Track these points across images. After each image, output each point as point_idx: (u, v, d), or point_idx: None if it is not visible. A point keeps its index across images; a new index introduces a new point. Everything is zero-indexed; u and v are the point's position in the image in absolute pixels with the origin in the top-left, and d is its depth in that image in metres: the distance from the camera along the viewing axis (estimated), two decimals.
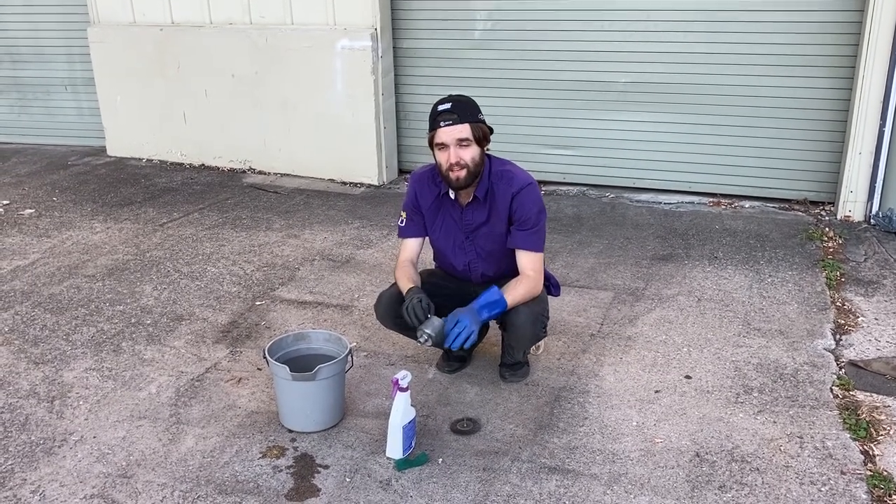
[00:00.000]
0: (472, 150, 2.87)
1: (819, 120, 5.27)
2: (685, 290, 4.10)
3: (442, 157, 2.89)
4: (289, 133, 6.34)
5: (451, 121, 2.84)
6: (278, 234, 5.05)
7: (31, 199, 5.90)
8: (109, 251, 4.80)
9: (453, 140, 2.84)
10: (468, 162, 2.87)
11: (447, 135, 2.85)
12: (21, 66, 7.51)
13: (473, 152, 2.88)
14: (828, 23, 5.07)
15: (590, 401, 3.09)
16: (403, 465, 2.69)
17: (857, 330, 3.63)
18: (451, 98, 2.92)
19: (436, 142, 2.89)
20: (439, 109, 2.87)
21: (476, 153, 2.89)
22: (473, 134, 2.86)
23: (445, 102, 2.89)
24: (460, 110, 2.86)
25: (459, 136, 2.84)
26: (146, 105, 6.79)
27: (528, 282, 2.97)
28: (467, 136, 2.85)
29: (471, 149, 2.87)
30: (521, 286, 2.96)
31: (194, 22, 6.45)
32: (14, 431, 2.93)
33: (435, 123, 2.87)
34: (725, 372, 3.28)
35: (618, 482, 2.60)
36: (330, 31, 5.96)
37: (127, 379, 3.31)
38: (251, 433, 2.90)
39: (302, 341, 3.07)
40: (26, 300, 4.10)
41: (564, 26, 5.64)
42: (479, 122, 2.90)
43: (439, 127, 2.86)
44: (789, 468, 2.65)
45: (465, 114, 2.86)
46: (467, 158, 2.87)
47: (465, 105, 2.89)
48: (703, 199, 5.59)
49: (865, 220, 5.06)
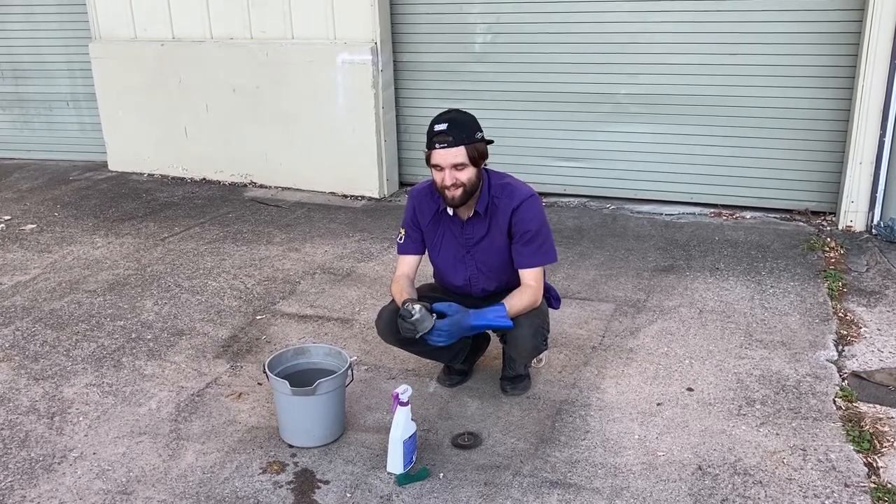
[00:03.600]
0: (467, 172, 2.86)
1: (819, 130, 5.27)
2: (687, 301, 4.09)
3: (437, 177, 2.89)
4: (290, 147, 6.35)
5: (447, 143, 2.81)
6: (279, 248, 5.05)
7: (32, 215, 5.91)
8: (110, 266, 4.80)
9: (448, 164, 2.83)
10: (464, 182, 2.86)
11: (442, 158, 2.83)
12: (23, 81, 7.55)
13: (469, 173, 2.86)
14: (827, 33, 5.08)
15: (591, 414, 3.07)
16: (404, 479, 2.68)
17: (859, 341, 3.62)
18: (448, 117, 2.88)
19: (431, 163, 2.88)
20: (436, 130, 2.84)
21: (472, 174, 2.87)
22: (469, 155, 2.83)
23: (442, 122, 2.84)
24: (456, 132, 2.82)
25: (454, 160, 2.82)
26: (147, 120, 6.81)
27: (529, 292, 2.96)
28: (462, 161, 2.83)
29: (466, 171, 2.85)
30: (524, 297, 2.94)
31: (195, 37, 6.48)
32: (14, 448, 2.92)
33: (431, 143, 2.85)
34: (727, 384, 3.27)
35: (620, 496, 2.58)
36: (330, 45, 5.99)
37: (127, 394, 3.30)
38: (251, 448, 2.89)
39: (302, 356, 3.06)
40: (27, 315, 4.10)
41: (564, 39, 5.65)
42: (476, 141, 2.86)
43: (435, 148, 2.84)
44: (792, 481, 2.63)
45: (461, 136, 2.82)
46: (463, 179, 2.85)
47: (462, 125, 2.85)
48: (705, 210, 5.59)
49: (867, 230, 5.05)
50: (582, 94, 5.73)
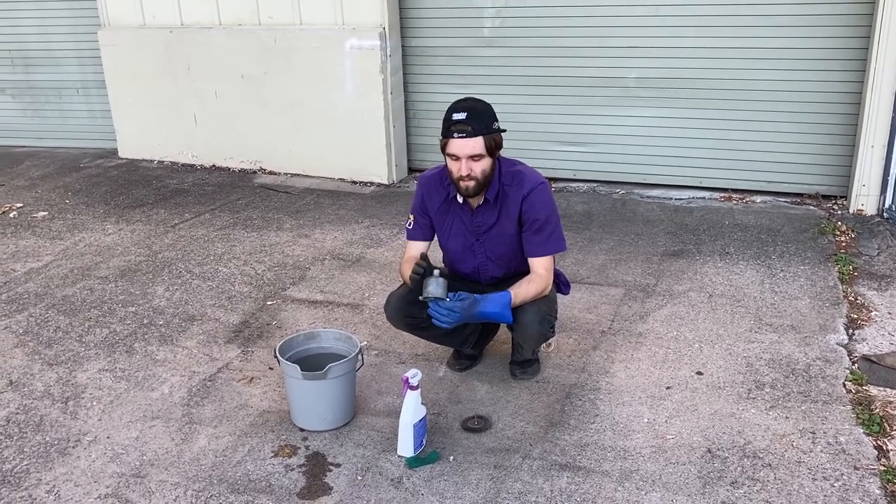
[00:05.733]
0: (483, 163, 2.85)
1: (831, 113, 5.23)
2: (696, 285, 4.09)
3: (453, 166, 2.88)
4: (298, 133, 6.36)
5: (465, 133, 2.79)
6: (289, 234, 5.07)
7: (44, 202, 5.94)
8: (122, 253, 4.83)
9: (465, 154, 2.81)
10: (478, 174, 2.85)
11: (459, 148, 2.81)
12: (33, 69, 7.57)
13: (485, 164, 2.85)
14: (839, 15, 5.03)
15: (601, 398, 3.08)
16: (414, 462, 2.70)
17: (870, 324, 3.61)
18: (466, 106, 2.85)
19: (448, 152, 2.86)
20: (454, 118, 2.81)
21: (487, 165, 2.86)
22: (486, 146, 2.82)
23: (460, 111, 2.82)
24: (475, 121, 2.80)
25: (472, 151, 2.81)
26: (157, 107, 6.82)
27: (539, 281, 2.96)
28: (480, 152, 2.82)
29: (482, 161, 2.84)
30: (533, 285, 2.94)
31: (203, 23, 6.48)
32: (29, 432, 2.96)
33: (448, 132, 2.83)
34: (737, 368, 3.27)
35: (629, 479, 2.59)
36: (339, 30, 5.98)
37: (140, 379, 3.33)
38: (263, 432, 2.91)
39: (313, 340, 3.08)
40: (40, 302, 4.14)
41: (573, 23, 5.62)
42: (494, 132, 2.85)
43: (452, 137, 2.82)
44: (802, 464, 2.64)
45: (480, 125, 2.81)
46: (478, 171, 2.85)
47: (481, 115, 2.83)
48: (714, 195, 5.57)
49: (878, 213, 5.03)
50: (591, 79, 5.71)
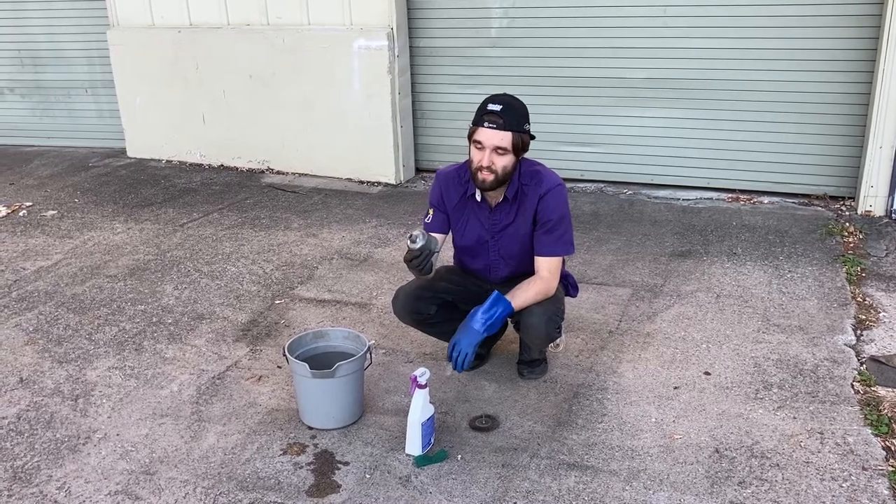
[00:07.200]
0: (506, 159, 2.84)
1: (839, 114, 5.22)
2: (704, 286, 4.08)
3: (476, 155, 2.87)
4: (306, 133, 6.37)
5: (496, 125, 2.79)
6: (297, 234, 5.09)
7: (53, 201, 5.97)
8: (130, 251, 4.85)
9: (491, 145, 2.81)
10: (498, 169, 2.84)
11: (487, 138, 2.81)
12: (42, 69, 7.61)
13: (507, 161, 2.85)
14: (847, 16, 5.01)
15: (608, 397, 3.09)
16: (423, 461, 2.70)
17: (878, 325, 3.60)
18: (503, 99, 2.86)
19: (475, 138, 2.86)
20: (489, 108, 2.82)
21: (509, 162, 2.86)
22: (513, 142, 2.82)
23: (497, 103, 2.83)
24: (508, 115, 2.81)
25: (499, 143, 2.81)
26: (165, 106, 6.85)
27: (541, 283, 2.95)
28: (506, 146, 2.81)
29: (506, 157, 2.84)
30: (533, 287, 2.94)
31: (212, 23, 6.50)
32: (40, 429, 2.97)
33: (480, 120, 2.83)
34: (745, 368, 3.27)
35: (637, 478, 2.60)
36: (347, 31, 5.99)
37: (149, 377, 3.35)
38: (272, 430, 2.93)
39: (321, 339, 3.09)
40: (50, 300, 4.16)
41: (581, 23, 5.63)
42: (524, 132, 2.85)
43: (483, 126, 2.82)
44: (810, 464, 2.64)
45: (512, 121, 2.81)
46: (499, 166, 2.84)
47: (515, 111, 2.84)
48: (722, 195, 5.56)
49: (886, 214, 5.02)
50: (599, 79, 5.71)
